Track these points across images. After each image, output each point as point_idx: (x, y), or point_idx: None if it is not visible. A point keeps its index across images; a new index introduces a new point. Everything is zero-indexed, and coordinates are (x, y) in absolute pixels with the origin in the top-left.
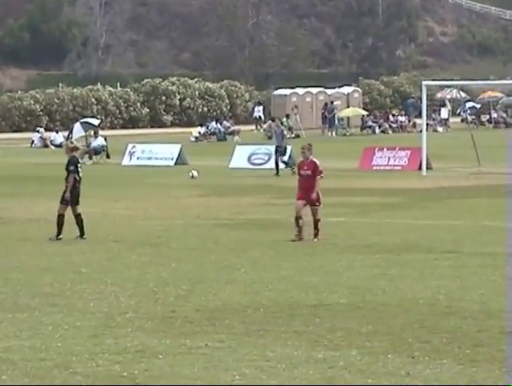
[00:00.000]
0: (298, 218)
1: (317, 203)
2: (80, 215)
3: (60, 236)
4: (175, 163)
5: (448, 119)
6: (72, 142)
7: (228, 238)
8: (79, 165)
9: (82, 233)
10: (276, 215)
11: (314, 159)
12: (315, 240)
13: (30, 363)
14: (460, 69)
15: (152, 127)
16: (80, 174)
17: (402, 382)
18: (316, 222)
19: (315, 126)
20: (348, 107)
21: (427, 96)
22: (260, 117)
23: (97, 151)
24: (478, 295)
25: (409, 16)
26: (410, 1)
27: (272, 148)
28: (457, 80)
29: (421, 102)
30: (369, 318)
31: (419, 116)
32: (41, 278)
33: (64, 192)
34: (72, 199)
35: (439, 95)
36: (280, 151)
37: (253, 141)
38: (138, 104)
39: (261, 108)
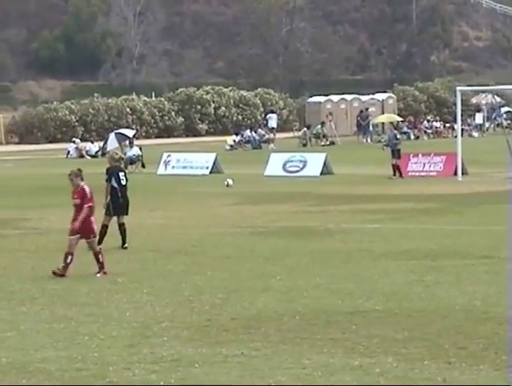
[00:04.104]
0: (68, 253)
1: (91, 236)
2: (123, 224)
3: (100, 246)
4: (211, 172)
5: (483, 124)
6: (116, 153)
7: (263, 246)
8: (121, 174)
9: (124, 243)
10: (311, 222)
11: (84, 187)
12: (99, 275)
13: (66, 374)
14: (495, 74)
15: (187, 136)
16: (123, 183)
17: None
18: (97, 255)
19: (350, 133)
20: (382, 113)
21: (462, 101)
22: (267, 124)
23: (132, 161)
24: None
25: (443, 21)
26: (444, 6)
27: (307, 155)
28: (492, 84)
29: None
30: (405, 325)
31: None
32: (77, 288)
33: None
34: (115, 209)
35: (474, 100)
36: (395, 154)
37: (288, 149)
38: (173, 113)
39: (274, 116)
